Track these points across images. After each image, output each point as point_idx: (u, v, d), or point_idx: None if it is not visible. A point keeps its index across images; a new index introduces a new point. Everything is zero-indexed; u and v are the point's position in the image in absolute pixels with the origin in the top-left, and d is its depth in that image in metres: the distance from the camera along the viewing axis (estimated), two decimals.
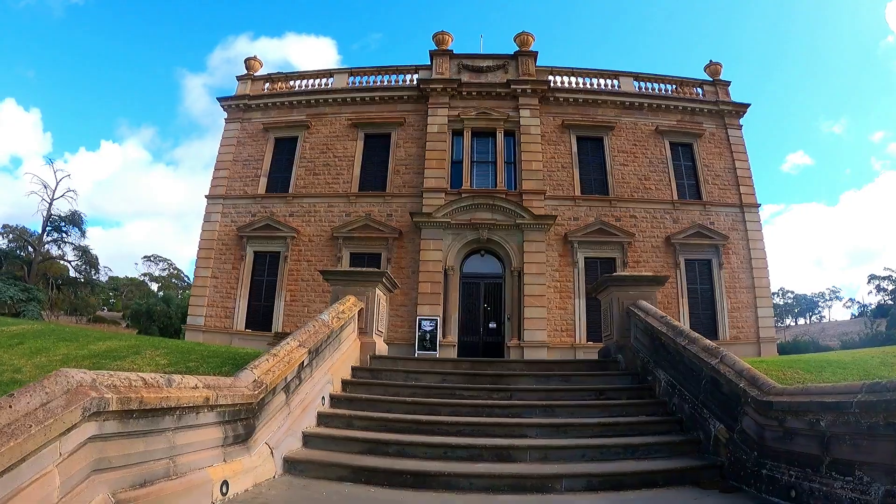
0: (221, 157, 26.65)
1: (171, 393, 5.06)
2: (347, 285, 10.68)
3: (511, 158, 24.75)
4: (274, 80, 27.93)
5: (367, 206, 24.41)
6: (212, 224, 25.56)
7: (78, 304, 52.92)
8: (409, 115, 25.57)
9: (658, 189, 24.94)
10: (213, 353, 12.06)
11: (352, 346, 10.19)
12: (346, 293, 10.63)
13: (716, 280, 24.17)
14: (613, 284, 10.64)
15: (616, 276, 10.66)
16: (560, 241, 23.52)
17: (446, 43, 26.37)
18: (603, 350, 11.13)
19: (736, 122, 26.74)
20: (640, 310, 10.11)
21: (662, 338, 9.12)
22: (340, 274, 11.00)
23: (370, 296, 10.63)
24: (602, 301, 11.43)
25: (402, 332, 22.48)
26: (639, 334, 10.16)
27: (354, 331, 10.40)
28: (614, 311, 10.63)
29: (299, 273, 23.99)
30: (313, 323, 8.55)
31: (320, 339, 8.33)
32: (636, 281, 10.64)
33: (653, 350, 9.58)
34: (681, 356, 8.60)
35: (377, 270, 10.48)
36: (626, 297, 10.52)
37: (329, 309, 9.47)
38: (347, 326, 10.03)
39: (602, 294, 11.30)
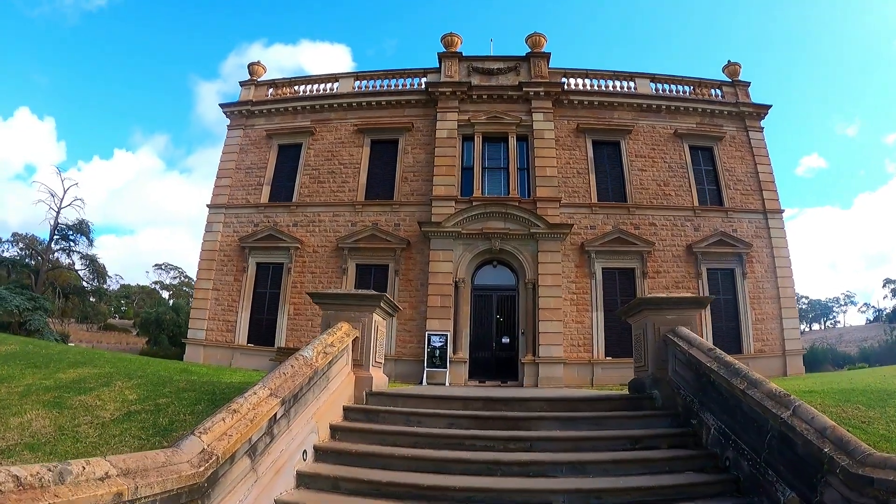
0: (223, 165, 25.21)
1: (62, 496, 3.49)
2: (340, 310, 9.10)
3: (524, 164, 23.11)
4: (278, 86, 26.47)
5: (373, 215, 22.84)
6: (213, 234, 24.11)
7: (88, 312, 51.73)
8: (418, 119, 24.01)
9: (678, 195, 23.22)
10: (192, 385, 10.51)
11: (344, 382, 8.59)
12: (338, 319, 9.05)
13: (739, 290, 22.42)
14: (648, 308, 8.95)
15: (651, 298, 8.96)
16: (576, 251, 21.84)
17: (455, 45, 24.81)
18: (635, 383, 9.44)
19: (757, 123, 25.00)
20: (680, 338, 8.45)
21: (712, 375, 7.46)
22: (331, 297, 9.37)
23: (366, 322, 9.02)
24: (633, 326, 9.74)
25: (410, 347, 20.91)
26: (679, 367, 8.50)
27: (348, 363, 8.81)
28: (649, 339, 8.96)
29: (303, 285, 22.42)
30: (292, 362, 6.96)
31: (300, 383, 6.74)
32: (675, 303, 8.95)
33: (698, 388, 7.92)
34: (737, 401, 6.95)
35: (374, 293, 8.83)
36: (662, 323, 8.86)
37: (315, 341, 7.87)
38: (339, 359, 8.44)
39: (634, 318, 9.61)
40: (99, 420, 9.04)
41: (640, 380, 9.13)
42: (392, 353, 20.99)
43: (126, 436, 8.19)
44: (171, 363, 14.38)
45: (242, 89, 26.58)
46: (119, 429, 8.60)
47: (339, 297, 9.29)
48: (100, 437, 8.19)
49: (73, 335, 52.56)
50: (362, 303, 9.05)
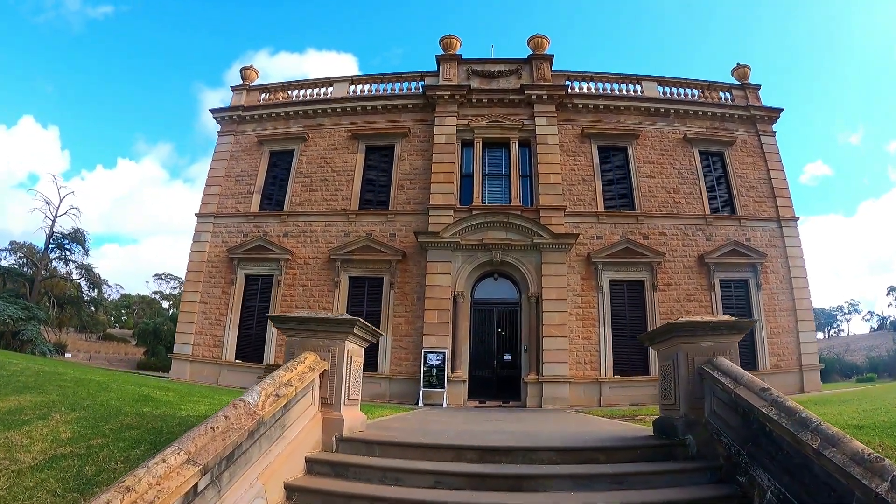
0: (213, 173, 23.63)
1: None
2: (306, 337, 7.41)
3: (526, 171, 21.46)
4: (271, 91, 24.90)
5: (367, 224, 21.17)
6: (201, 244, 22.50)
7: (87, 321, 50.10)
8: (415, 125, 22.39)
9: (688, 203, 21.54)
10: (140, 421, 8.79)
11: (308, 427, 6.90)
12: (304, 348, 7.37)
13: (754, 303, 20.72)
14: (681, 334, 7.22)
15: (685, 323, 7.21)
16: (582, 263, 20.14)
17: (454, 47, 23.24)
18: (662, 424, 7.71)
19: (769, 128, 23.36)
20: (721, 373, 6.75)
21: (768, 425, 5.76)
22: (294, 322, 7.63)
23: (337, 352, 7.33)
24: (660, 355, 8.01)
25: (406, 365, 19.21)
26: (720, 408, 6.79)
27: (314, 402, 7.11)
28: (680, 372, 7.24)
29: (293, 299, 20.78)
30: (228, 411, 5.27)
31: (235, 440, 5.07)
32: (712, 329, 7.21)
33: (747, 437, 6.21)
34: (805, 461, 5.25)
35: (346, 317, 7.14)
36: (697, 353, 7.14)
37: (266, 380, 6.17)
38: (302, 398, 6.76)
39: (661, 346, 7.88)
40: (17, 466, 7.27)
41: (670, 420, 7.40)
42: (387, 371, 19.33)
43: (40, 489, 6.44)
44: (134, 388, 12.65)
45: (234, 94, 25.03)
46: (35, 479, 6.83)
47: (303, 321, 7.56)
48: (9, 490, 6.45)
49: (71, 345, 51.03)
50: (332, 329, 7.35)
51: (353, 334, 7.51)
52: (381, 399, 18.82)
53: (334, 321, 7.38)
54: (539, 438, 7.65)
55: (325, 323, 7.42)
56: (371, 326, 8.00)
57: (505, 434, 8.22)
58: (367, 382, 19.66)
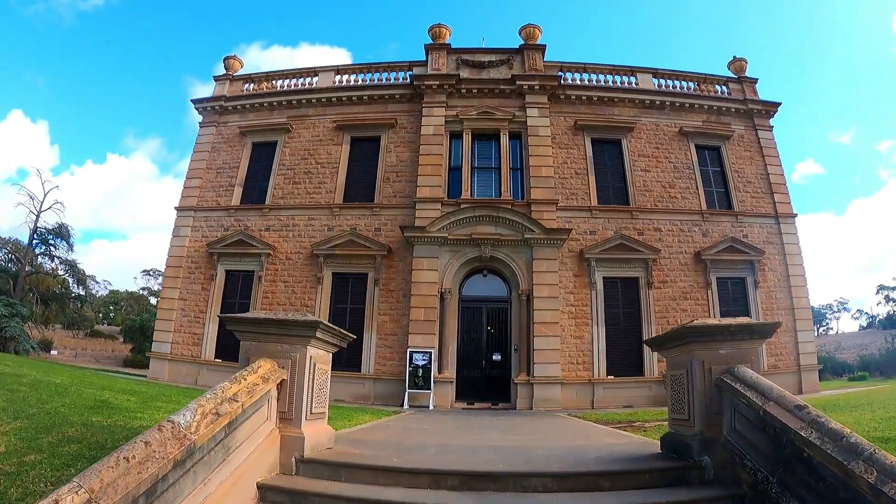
0: (194, 165, 22.42)
1: None
2: (262, 341, 6.30)
3: (517, 164, 20.35)
4: (255, 80, 23.66)
5: (352, 219, 20.02)
6: (181, 239, 21.29)
7: (74, 318, 48.68)
8: (402, 115, 21.24)
9: (684, 198, 20.51)
10: (86, 432, 7.61)
11: (263, 446, 5.79)
12: (260, 354, 6.26)
13: (751, 301, 19.76)
14: (696, 340, 6.10)
15: (701, 326, 6.08)
16: (575, 259, 19.06)
17: (444, 37, 22.08)
18: (672, 441, 6.61)
19: (766, 122, 22.37)
20: (745, 385, 5.67)
21: (808, 450, 4.70)
22: (249, 323, 6.50)
23: (298, 359, 6.20)
24: (670, 363, 6.89)
25: (391, 365, 18.10)
26: (743, 425, 5.71)
27: (270, 417, 6.00)
28: (695, 383, 6.14)
29: (275, 296, 19.62)
30: (150, 436, 4.14)
31: (154, 473, 3.95)
32: (731, 334, 6.11)
33: (778, 461, 5.15)
34: (858, 498, 4.19)
35: (307, 319, 6.03)
36: (715, 360, 6.05)
37: (206, 395, 5.05)
38: (254, 414, 5.65)
39: (671, 352, 6.76)
40: None
41: (682, 438, 6.31)
42: (371, 371, 18.22)
43: None
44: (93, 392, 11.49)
45: (217, 84, 23.79)
46: None
47: (258, 322, 6.43)
48: None
49: (57, 342, 49.55)
50: (291, 332, 6.22)
51: (317, 338, 6.38)
52: (366, 400, 17.72)
53: (293, 323, 6.24)
54: (532, 457, 6.56)
55: (283, 325, 6.28)
56: (338, 329, 6.88)
57: (493, 451, 7.13)
58: (351, 383, 18.67)
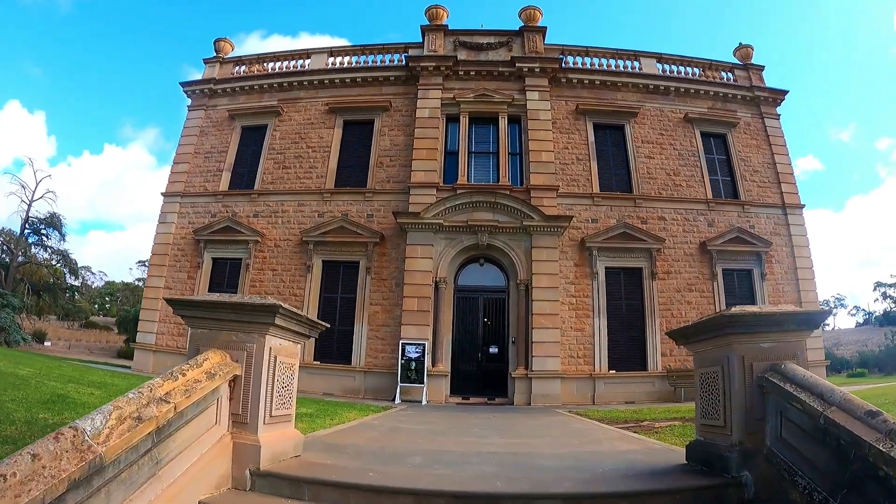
0: (181, 150, 21.19)
1: None
2: (215, 329, 5.14)
3: (516, 149, 19.16)
4: (245, 63, 22.41)
5: (343, 204, 18.82)
6: (167, 226, 20.10)
7: (69, 309, 47.40)
8: (397, 98, 20.01)
9: (690, 186, 19.35)
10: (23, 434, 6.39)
11: (210, 456, 4.62)
12: (212, 344, 5.09)
13: (757, 294, 18.62)
14: (735, 330, 4.91)
15: (742, 314, 4.88)
16: (576, 248, 17.90)
17: (441, 18, 20.83)
18: (702, 451, 5.43)
19: (773, 110, 21.19)
20: (796, 385, 4.53)
21: (886, 468, 3.56)
22: (198, 307, 5.31)
23: (254, 351, 5.02)
24: (698, 357, 5.70)
25: (383, 357, 16.95)
26: (793, 434, 4.54)
27: (219, 421, 4.82)
28: (733, 381, 4.96)
29: (262, 284, 18.43)
30: (39, 448, 2.99)
31: (37, 497, 2.79)
32: (777, 324, 4.93)
33: (843, 481, 4.00)
34: None
35: (264, 302, 4.84)
36: (756, 356, 4.90)
37: (130, 393, 3.86)
38: (195, 418, 4.48)
39: (703, 346, 5.56)
40: None
41: (715, 449, 5.14)
42: (361, 364, 17.07)
43: None
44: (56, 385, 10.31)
45: (207, 67, 22.53)
46: None
47: (208, 307, 5.23)
48: None
49: (52, 333, 48.23)
50: (244, 317, 5.03)
51: (277, 326, 5.19)
52: (356, 395, 16.58)
53: (248, 307, 5.04)
54: (536, 470, 5.41)
55: (236, 309, 5.09)
56: (304, 316, 5.68)
57: (489, 460, 5.98)
58: (341, 376, 17.48)
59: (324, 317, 17.87)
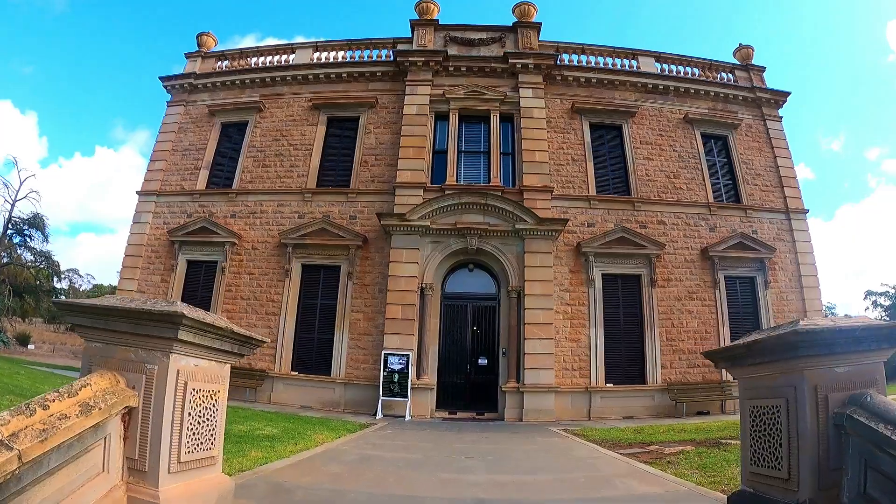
0: (159, 146, 19.74)
1: None
2: (111, 342, 3.76)
3: (508, 148, 17.80)
4: (228, 58, 20.96)
5: (325, 205, 17.39)
6: (141, 226, 18.63)
7: (56, 311, 45.64)
8: (383, 94, 18.64)
9: (690, 189, 18.05)
10: None
11: None
12: (106, 362, 3.72)
13: (761, 302, 17.37)
14: (810, 350, 3.51)
15: (817, 329, 3.45)
16: (571, 253, 16.53)
17: (431, 13, 19.49)
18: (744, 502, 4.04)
19: (775, 112, 19.98)
20: (889, 423, 3.16)
21: None
22: (91, 314, 3.92)
23: (155, 375, 3.65)
24: (748, 385, 4.23)
25: (365, 368, 15.52)
26: (883, 491, 3.18)
27: (109, 468, 3.44)
28: (802, 419, 3.57)
29: (238, 289, 17.00)
30: None
31: None
32: (857, 341, 3.54)
33: None
34: None
35: (165, 310, 3.45)
36: (831, 384, 3.52)
37: None
38: (63, 468, 3.09)
39: (756, 370, 4.10)
40: None
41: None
42: (342, 375, 15.63)
43: None
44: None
45: (188, 61, 21.09)
46: None
47: (101, 313, 3.82)
48: None
49: (36, 336, 46.65)
50: (142, 329, 3.62)
51: (184, 342, 3.77)
52: (336, 408, 15.15)
53: (144, 315, 3.62)
54: None
55: (132, 318, 3.68)
56: (227, 329, 4.25)
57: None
58: (320, 388, 15.95)
59: (303, 324, 16.47)
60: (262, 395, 15.68)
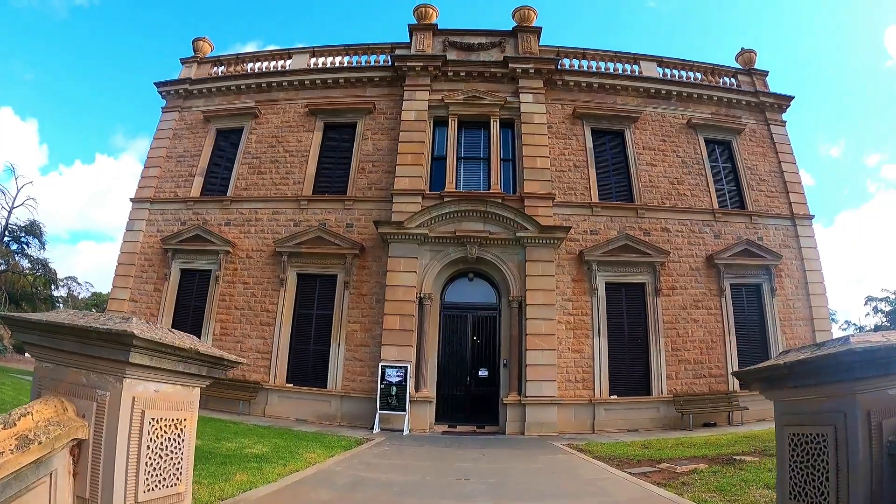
0: (153, 153, 19.27)
1: None
2: (62, 363, 3.28)
3: (509, 154, 17.31)
4: (224, 63, 20.53)
5: (321, 213, 16.90)
6: (134, 234, 18.14)
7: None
8: (381, 100, 18.18)
9: (694, 195, 17.58)
10: None
11: None
12: (56, 386, 3.25)
13: (767, 310, 16.87)
14: (865, 371, 3.00)
15: (875, 347, 2.96)
16: (574, 262, 16.03)
17: (430, 17, 19.06)
18: None
19: (779, 117, 19.54)
20: None
21: None
22: (41, 330, 3.43)
23: (107, 402, 3.15)
24: (788, 409, 3.68)
25: (361, 381, 14.98)
26: None
27: None
28: (853, 449, 3.06)
29: (233, 299, 16.49)
30: None
31: None
32: None
33: None
34: None
35: (114, 329, 2.88)
36: (885, 409, 3.03)
37: None
38: None
39: (800, 393, 3.58)
40: None
41: None
42: (338, 387, 15.10)
43: None
44: None
45: (184, 67, 20.63)
46: None
47: (45, 329, 3.34)
48: None
49: None
50: (91, 350, 3.12)
51: (138, 365, 3.26)
52: (332, 421, 14.61)
53: (92, 333, 3.13)
54: None
55: (81, 336, 3.19)
56: (191, 350, 3.74)
57: None
58: (316, 400, 15.37)
59: (298, 335, 15.95)
60: (256, 407, 15.14)
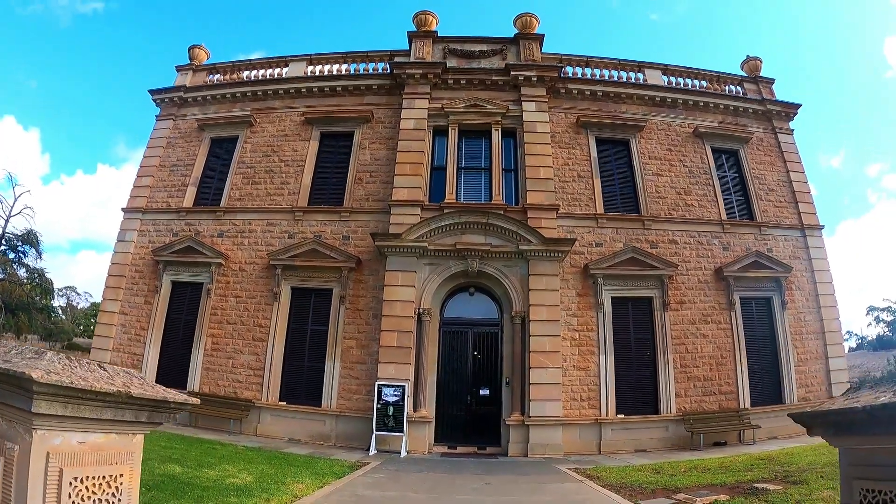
0: (146, 162, 18.65)
1: None
2: None
3: (511, 164, 16.64)
4: (220, 71, 19.90)
5: (317, 224, 16.21)
6: (126, 244, 17.47)
7: (52, 329, 44.42)
8: (379, 108, 17.53)
9: (702, 206, 16.91)
10: None
11: None
12: None
13: (778, 324, 16.23)
14: None
15: None
16: (578, 275, 15.32)
17: (430, 25, 18.46)
18: None
19: (786, 125, 18.95)
20: None
21: None
22: None
23: (15, 457, 2.43)
24: (851, 457, 2.99)
25: (357, 400, 14.25)
26: None
27: None
28: None
29: (224, 313, 15.78)
30: None
31: None
32: None
33: None
34: None
35: (10, 371, 2.10)
36: None
37: None
38: None
39: (871, 441, 2.87)
40: None
41: None
42: (333, 406, 14.38)
43: None
44: None
45: (179, 74, 20.02)
46: None
47: None
48: None
49: None
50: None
51: (48, 416, 2.54)
52: (326, 442, 13.89)
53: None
54: None
55: None
56: (119, 392, 2.91)
57: None
58: (310, 420, 14.53)
59: (292, 351, 15.23)
60: (247, 426, 14.40)
